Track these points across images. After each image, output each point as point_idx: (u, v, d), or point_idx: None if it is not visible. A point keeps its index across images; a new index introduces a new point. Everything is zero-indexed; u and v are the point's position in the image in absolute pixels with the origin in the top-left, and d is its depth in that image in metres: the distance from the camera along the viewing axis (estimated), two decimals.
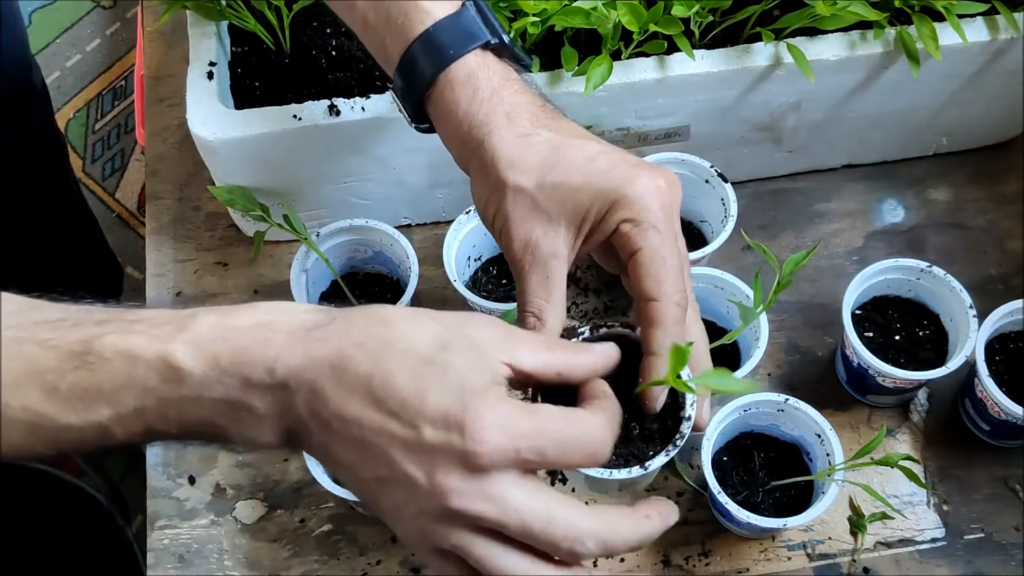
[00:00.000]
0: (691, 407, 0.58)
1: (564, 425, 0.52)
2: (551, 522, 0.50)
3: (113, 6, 2.02)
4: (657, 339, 0.58)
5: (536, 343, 0.54)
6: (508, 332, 0.53)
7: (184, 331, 0.51)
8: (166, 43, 1.02)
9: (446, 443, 0.49)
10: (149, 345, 0.51)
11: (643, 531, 0.53)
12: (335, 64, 0.88)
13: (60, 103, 1.89)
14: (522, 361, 0.53)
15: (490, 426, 0.49)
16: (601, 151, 0.61)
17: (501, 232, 0.62)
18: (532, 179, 0.60)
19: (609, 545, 0.51)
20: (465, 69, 0.63)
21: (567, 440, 0.51)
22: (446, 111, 0.63)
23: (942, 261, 0.84)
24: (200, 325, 0.52)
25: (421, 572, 0.78)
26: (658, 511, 0.54)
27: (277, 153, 0.82)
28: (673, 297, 0.58)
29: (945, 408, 0.85)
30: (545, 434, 0.51)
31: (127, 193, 1.81)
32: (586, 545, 0.51)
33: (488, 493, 0.50)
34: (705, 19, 0.81)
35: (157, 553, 0.79)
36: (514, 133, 0.61)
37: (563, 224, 0.60)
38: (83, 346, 0.51)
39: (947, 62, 0.84)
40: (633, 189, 0.59)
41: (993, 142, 0.97)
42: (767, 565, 0.78)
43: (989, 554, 0.79)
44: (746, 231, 0.82)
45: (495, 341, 0.52)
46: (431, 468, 0.50)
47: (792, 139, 0.91)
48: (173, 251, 0.92)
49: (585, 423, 0.53)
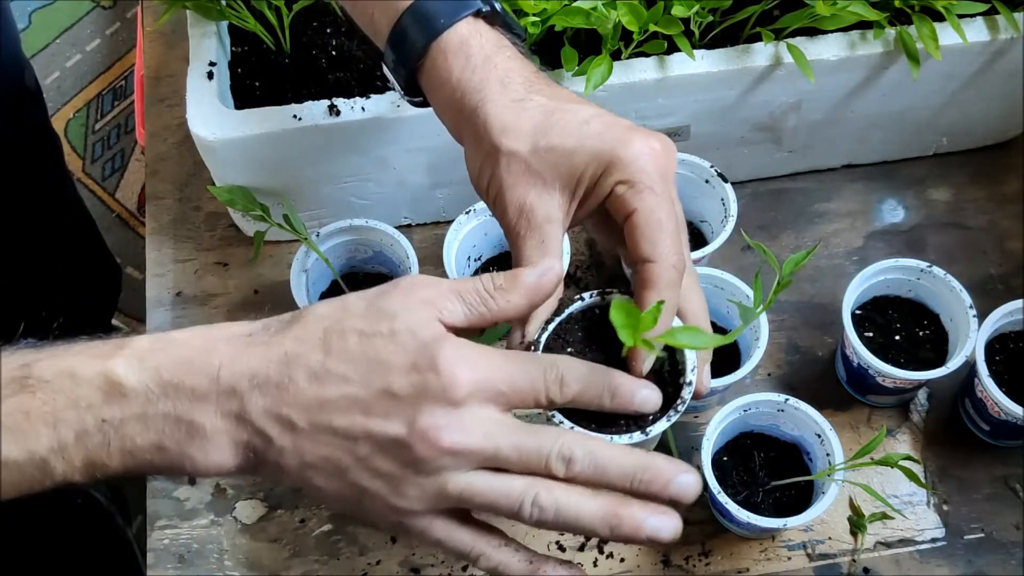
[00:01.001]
0: (691, 372, 0.58)
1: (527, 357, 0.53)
2: (539, 437, 0.51)
3: (113, 6, 2.02)
4: (651, 301, 0.56)
5: (457, 299, 0.53)
6: (429, 295, 0.53)
7: (124, 348, 0.50)
8: (166, 43, 1.02)
9: (421, 386, 0.49)
10: (89, 363, 0.49)
11: (635, 455, 0.53)
12: (335, 64, 0.88)
13: (60, 103, 1.89)
14: (453, 319, 0.53)
15: (462, 361, 0.50)
16: (595, 114, 0.60)
17: (496, 199, 0.61)
18: (526, 144, 0.59)
19: (597, 457, 0.51)
20: (457, 37, 0.62)
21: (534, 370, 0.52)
22: (439, 81, 0.63)
23: (942, 261, 0.84)
24: (139, 341, 0.51)
25: (421, 573, 0.78)
26: (647, 455, 0.53)
27: (277, 153, 0.82)
28: (669, 259, 0.57)
29: (945, 408, 0.85)
30: (509, 367, 0.51)
31: (127, 193, 1.81)
32: (575, 452, 0.51)
33: (472, 423, 0.50)
34: (705, 19, 0.81)
35: (157, 553, 0.79)
36: (507, 99, 0.60)
37: (557, 188, 0.59)
38: (23, 370, 0.49)
39: (947, 62, 0.84)
40: (627, 151, 0.58)
41: (993, 142, 0.97)
42: (767, 565, 0.78)
43: (989, 554, 0.79)
44: (746, 231, 0.82)
45: (421, 302, 0.52)
46: (412, 416, 0.49)
47: (792, 139, 0.91)
48: (173, 251, 0.92)
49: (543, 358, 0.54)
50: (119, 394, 0.49)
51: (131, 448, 0.49)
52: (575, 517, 0.51)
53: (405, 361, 0.50)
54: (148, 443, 0.49)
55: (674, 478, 0.52)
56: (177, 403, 0.49)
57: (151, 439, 0.49)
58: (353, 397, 0.50)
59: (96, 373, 0.49)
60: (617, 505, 0.52)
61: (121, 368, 0.49)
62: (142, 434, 0.49)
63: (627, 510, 0.52)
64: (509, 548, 0.54)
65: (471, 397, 0.50)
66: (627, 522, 0.51)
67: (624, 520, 0.51)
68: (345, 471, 0.51)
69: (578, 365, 0.55)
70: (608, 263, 0.91)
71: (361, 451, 0.50)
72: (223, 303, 0.90)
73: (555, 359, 0.55)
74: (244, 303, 0.89)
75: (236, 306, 0.89)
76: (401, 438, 0.49)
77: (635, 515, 0.52)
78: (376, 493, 0.51)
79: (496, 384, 0.51)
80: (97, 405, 0.49)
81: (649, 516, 0.52)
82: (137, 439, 0.49)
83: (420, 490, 0.50)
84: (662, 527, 0.52)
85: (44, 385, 0.49)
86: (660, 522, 0.52)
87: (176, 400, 0.49)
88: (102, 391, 0.49)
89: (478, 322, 0.54)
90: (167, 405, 0.49)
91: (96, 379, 0.49)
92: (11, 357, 0.50)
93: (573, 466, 0.51)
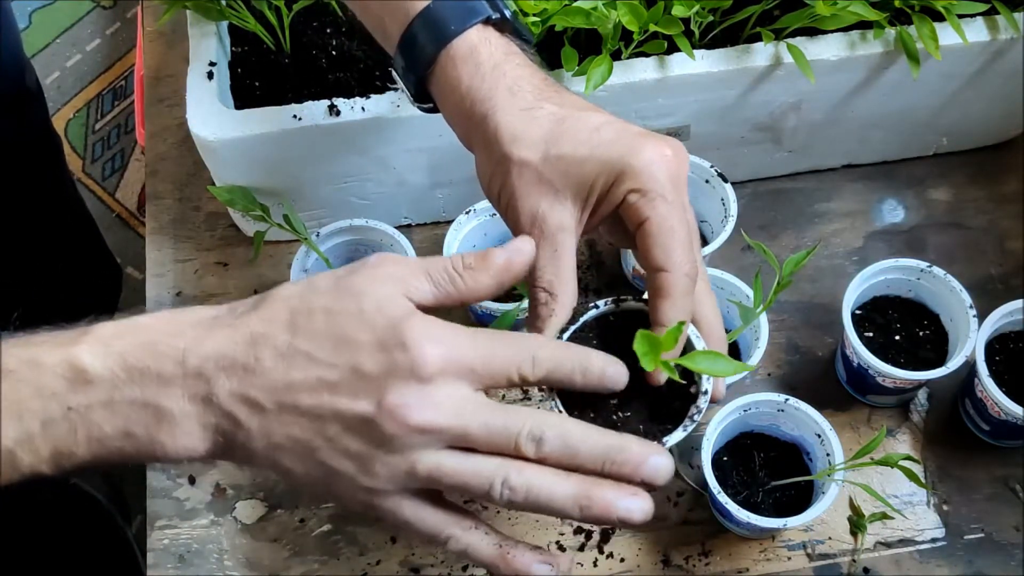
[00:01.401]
0: (707, 381, 0.57)
1: (499, 335, 0.52)
2: (509, 417, 0.50)
3: (113, 6, 2.02)
4: (665, 310, 0.57)
5: (425, 277, 0.53)
6: (398, 272, 0.52)
7: (87, 334, 0.50)
8: (166, 43, 1.02)
9: (390, 363, 0.49)
10: (53, 351, 0.49)
11: (607, 437, 0.52)
12: (335, 64, 0.88)
13: (60, 103, 1.89)
14: (421, 296, 0.52)
15: (430, 338, 0.50)
16: (606, 122, 0.60)
17: (507, 208, 0.60)
18: (536, 153, 0.59)
19: (568, 438, 0.51)
20: (466, 45, 0.62)
21: (506, 347, 0.52)
22: (448, 88, 0.63)
23: (942, 261, 0.84)
24: (103, 328, 0.50)
25: (421, 573, 0.78)
26: (619, 437, 0.53)
27: (277, 153, 0.82)
28: (682, 267, 0.57)
29: (945, 408, 0.85)
30: (481, 344, 0.51)
31: (127, 193, 1.81)
32: (545, 433, 0.51)
33: (442, 401, 0.49)
34: (705, 19, 0.81)
35: (157, 553, 0.79)
36: (517, 107, 0.60)
37: (569, 197, 0.59)
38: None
39: (947, 62, 0.84)
40: (639, 159, 0.58)
41: (993, 142, 0.97)
42: (767, 565, 0.78)
43: (989, 554, 0.79)
44: (746, 231, 0.82)
45: (389, 279, 0.52)
46: (379, 394, 0.49)
47: (792, 139, 0.91)
48: (173, 251, 0.92)
49: (513, 336, 0.53)
50: (84, 381, 0.48)
51: (99, 436, 0.49)
52: (547, 499, 0.51)
53: (372, 339, 0.49)
54: (116, 430, 0.49)
55: (645, 460, 0.52)
56: (144, 388, 0.49)
57: (119, 425, 0.49)
58: (320, 376, 0.49)
59: (60, 360, 0.48)
60: (589, 487, 0.51)
61: (86, 355, 0.48)
62: (109, 421, 0.49)
63: (598, 491, 0.51)
64: (479, 531, 0.54)
65: (441, 374, 0.50)
66: (598, 504, 0.51)
67: (595, 502, 0.51)
68: (314, 452, 0.50)
69: (552, 344, 0.55)
70: (608, 263, 0.91)
71: (329, 431, 0.50)
72: (223, 303, 0.89)
73: (527, 337, 0.54)
74: None
75: None
76: (369, 416, 0.49)
77: (606, 496, 0.51)
78: (345, 473, 0.51)
79: (466, 361, 0.51)
80: (62, 393, 0.48)
81: (620, 498, 0.51)
82: (105, 426, 0.49)
83: (389, 469, 0.50)
84: (633, 509, 0.52)
85: (8, 375, 0.48)
86: (631, 504, 0.52)
87: (143, 385, 0.49)
88: (66, 379, 0.48)
89: (445, 300, 0.54)
90: (134, 391, 0.49)
91: (60, 366, 0.48)
92: None
93: (543, 447, 0.51)
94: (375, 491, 0.51)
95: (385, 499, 0.52)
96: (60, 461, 0.49)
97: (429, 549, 0.79)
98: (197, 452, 0.50)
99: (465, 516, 0.54)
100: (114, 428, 0.49)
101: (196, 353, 0.49)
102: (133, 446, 0.49)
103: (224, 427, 0.50)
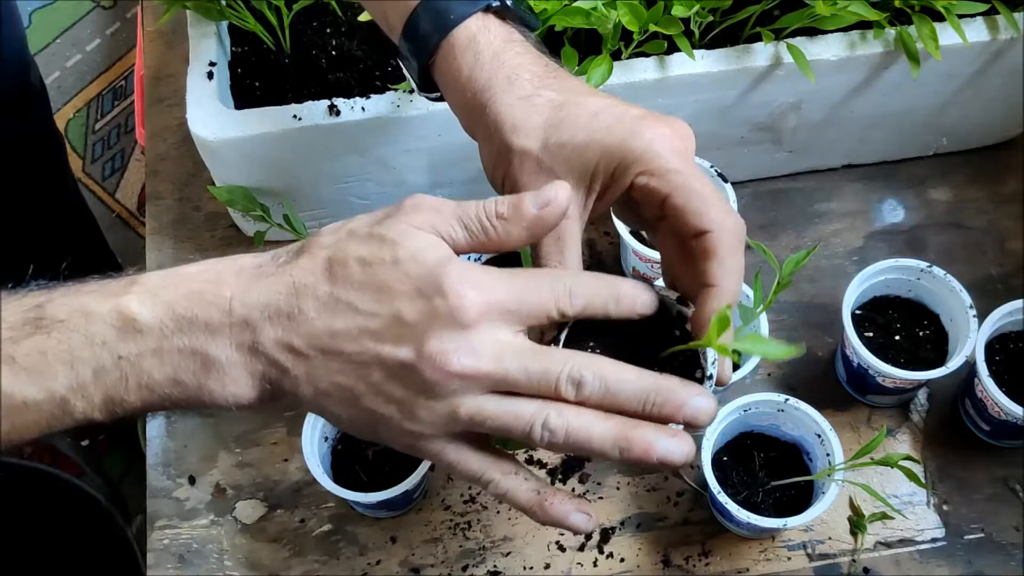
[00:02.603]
0: (712, 366, 0.56)
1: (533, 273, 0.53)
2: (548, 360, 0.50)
3: (113, 6, 2.02)
4: (712, 271, 0.55)
5: (459, 224, 0.53)
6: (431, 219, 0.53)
7: (135, 284, 0.51)
8: (166, 43, 1.02)
9: (429, 310, 0.49)
10: (103, 301, 0.50)
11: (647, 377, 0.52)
12: (335, 64, 0.88)
13: (60, 103, 1.89)
14: (454, 242, 0.53)
15: (468, 283, 0.50)
16: (605, 106, 0.59)
17: None
18: (536, 141, 0.59)
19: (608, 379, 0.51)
20: (466, 34, 0.62)
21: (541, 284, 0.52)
22: (450, 78, 0.63)
23: (942, 261, 0.84)
24: (151, 278, 0.51)
25: (421, 573, 0.78)
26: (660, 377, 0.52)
27: (277, 153, 0.82)
28: (724, 224, 0.55)
29: (945, 408, 0.85)
30: (518, 284, 0.51)
31: (127, 193, 1.81)
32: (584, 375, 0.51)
33: (482, 346, 0.50)
34: (705, 19, 0.81)
35: (157, 553, 0.79)
36: (515, 96, 0.60)
37: (571, 184, 0.58)
38: (36, 311, 0.49)
39: (947, 62, 0.84)
40: (639, 141, 0.57)
41: (993, 142, 0.97)
42: (767, 565, 0.78)
43: (989, 554, 0.79)
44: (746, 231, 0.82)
45: (424, 225, 0.52)
46: (420, 341, 0.49)
47: (792, 139, 0.91)
48: (173, 251, 0.92)
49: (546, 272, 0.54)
50: (134, 330, 0.49)
51: (148, 383, 0.50)
52: (586, 439, 0.51)
53: (411, 287, 0.50)
54: (165, 377, 0.50)
55: (687, 401, 0.52)
56: (192, 337, 0.50)
57: (168, 373, 0.50)
58: (362, 325, 0.50)
59: (110, 310, 0.49)
60: (628, 427, 0.51)
61: (135, 304, 0.49)
62: (159, 368, 0.50)
63: (638, 432, 0.51)
64: (519, 476, 0.54)
65: (480, 319, 0.50)
66: (638, 444, 0.51)
67: (635, 443, 0.51)
68: (359, 398, 0.51)
69: (584, 275, 0.54)
70: (608, 263, 0.91)
71: (373, 377, 0.50)
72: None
73: (559, 272, 0.55)
74: None
75: None
76: (411, 362, 0.49)
77: (646, 437, 0.51)
78: (389, 418, 0.51)
79: (505, 303, 0.51)
80: (112, 342, 0.49)
81: (660, 438, 0.51)
82: (154, 374, 0.50)
83: (431, 413, 0.51)
84: (673, 450, 0.51)
85: (58, 324, 0.49)
86: (671, 445, 0.51)
87: (191, 334, 0.50)
88: (116, 328, 0.49)
89: (479, 249, 0.54)
90: (182, 339, 0.49)
91: (110, 316, 0.49)
92: (23, 299, 0.50)
93: (583, 389, 0.51)
94: (418, 434, 0.52)
95: (429, 442, 0.52)
96: (112, 407, 0.50)
97: (428, 549, 0.79)
98: (245, 399, 0.51)
99: (507, 460, 0.55)
100: (163, 375, 0.50)
101: (242, 302, 0.50)
102: (182, 393, 0.50)
103: (271, 375, 0.51)
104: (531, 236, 0.54)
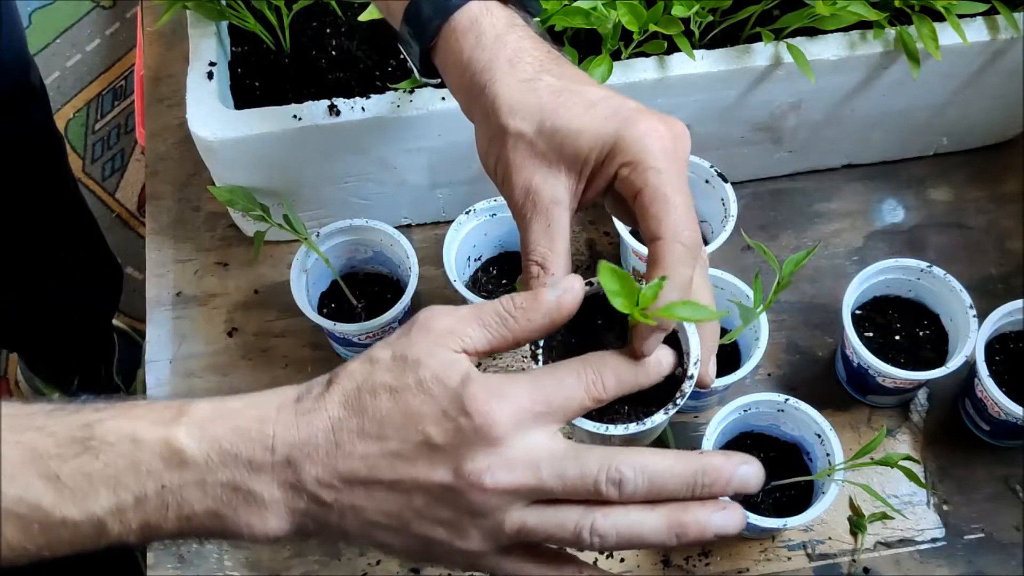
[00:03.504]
0: (694, 366, 0.56)
1: (557, 368, 0.53)
2: (584, 463, 0.50)
3: (113, 6, 2.02)
4: (654, 278, 0.54)
5: (478, 325, 0.53)
6: (449, 326, 0.53)
7: (184, 415, 0.51)
8: (166, 43, 1.02)
9: (457, 432, 0.50)
10: (152, 429, 0.50)
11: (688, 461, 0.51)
12: (335, 64, 0.88)
13: (60, 103, 1.89)
14: (475, 345, 0.53)
15: (491, 397, 0.50)
16: (604, 96, 0.59)
17: (503, 179, 0.60)
18: (532, 124, 0.58)
19: (651, 473, 0.50)
20: (468, 16, 0.62)
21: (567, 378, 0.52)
22: (451, 60, 0.62)
23: (942, 261, 0.84)
24: (198, 409, 0.51)
25: (421, 573, 0.78)
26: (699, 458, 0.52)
27: (277, 153, 0.82)
28: (678, 235, 0.55)
29: (945, 408, 0.85)
30: (543, 385, 0.51)
31: (127, 193, 1.81)
32: (625, 474, 0.50)
33: (515, 459, 0.50)
34: (705, 19, 0.81)
35: (157, 553, 0.79)
36: (515, 78, 0.59)
37: (563, 170, 0.58)
38: (85, 431, 0.50)
39: (947, 62, 0.84)
40: (631, 132, 0.57)
41: (993, 142, 0.97)
42: (767, 565, 0.78)
43: (989, 554, 0.79)
44: (746, 231, 0.82)
45: (442, 338, 0.52)
46: (455, 464, 0.50)
47: (792, 139, 0.91)
48: (173, 251, 0.92)
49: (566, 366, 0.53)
50: (180, 461, 0.50)
51: (188, 514, 0.50)
52: (638, 536, 0.51)
53: (436, 410, 0.50)
54: (205, 509, 0.50)
55: (734, 473, 0.52)
56: (236, 472, 0.50)
57: (208, 505, 0.50)
58: (396, 452, 0.50)
59: (158, 439, 0.50)
60: (678, 513, 0.51)
61: (183, 436, 0.50)
62: (200, 500, 0.50)
63: (690, 516, 0.51)
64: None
65: (511, 430, 0.50)
66: (692, 528, 0.51)
67: (689, 527, 0.51)
68: (407, 524, 0.51)
69: (604, 359, 0.54)
70: None
71: (416, 502, 0.51)
72: (223, 303, 0.90)
73: (577, 364, 0.54)
74: (244, 303, 0.89)
75: (236, 306, 0.89)
76: (449, 484, 0.50)
77: (699, 520, 0.51)
78: (441, 540, 0.51)
79: (533, 408, 0.51)
80: (158, 471, 0.50)
81: (712, 516, 0.51)
82: (195, 505, 0.50)
83: (480, 531, 0.51)
84: (728, 524, 0.52)
85: (107, 448, 0.49)
86: (724, 519, 0.51)
87: (235, 469, 0.50)
88: (163, 458, 0.50)
89: (500, 345, 0.54)
90: (226, 474, 0.50)
91: (159, 445, 0.50)
92: (74, 416, 0.51)
93: (626, 487, 0.51)
94: (472, 553, 0.52)
95: (483, 559, 0.53)
96: (147, 533, 0.51)
97: None
98: (284, 533, 0.52)
99: (567, 565, 0.54)
100: (204, 507, 0.50)
101: (283, 440, 0.51)
102: (219, 525, 0.51)
103: (313, 511, 0.51)
104: (551, 324, 0.54)
